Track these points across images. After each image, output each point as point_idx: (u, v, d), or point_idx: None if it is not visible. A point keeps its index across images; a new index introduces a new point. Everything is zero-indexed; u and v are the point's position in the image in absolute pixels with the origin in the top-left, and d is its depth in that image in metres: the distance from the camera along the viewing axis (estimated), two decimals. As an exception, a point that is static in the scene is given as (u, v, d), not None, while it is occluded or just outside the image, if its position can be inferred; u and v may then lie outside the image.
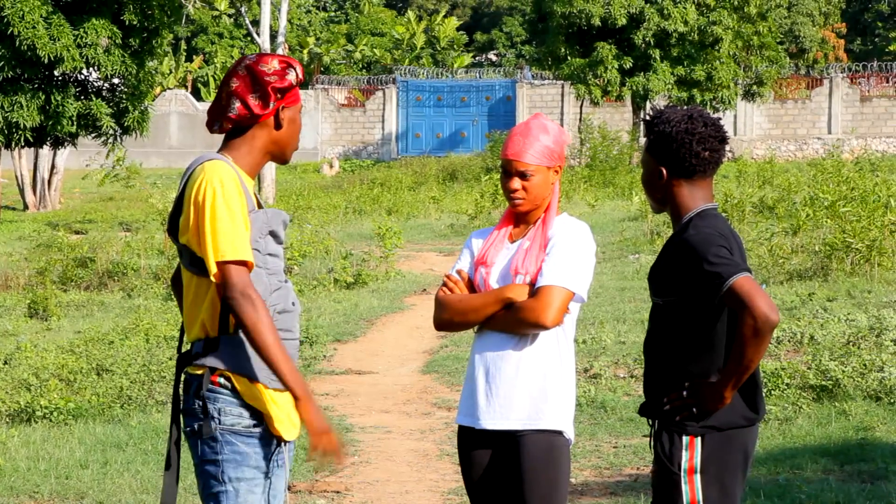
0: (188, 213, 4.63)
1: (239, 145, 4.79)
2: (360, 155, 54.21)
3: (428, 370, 13.64)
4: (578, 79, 42.99)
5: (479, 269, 5.30)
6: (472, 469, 5.29)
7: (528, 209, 5.27)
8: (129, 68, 25.16)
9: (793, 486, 8.60)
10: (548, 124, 5.29)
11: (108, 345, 13.72)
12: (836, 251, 17.82)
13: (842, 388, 11.04)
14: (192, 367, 4.70)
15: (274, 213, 4.76)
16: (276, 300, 4.70)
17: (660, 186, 4.95)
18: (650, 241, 22.51)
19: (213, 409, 4.62)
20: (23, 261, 22.04)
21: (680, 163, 4.88)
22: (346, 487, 9.16)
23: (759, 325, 4.57)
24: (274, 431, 4.67)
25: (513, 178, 5.24)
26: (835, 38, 68.94)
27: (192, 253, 4.65)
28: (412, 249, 24.88)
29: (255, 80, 4.75)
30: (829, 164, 33.00)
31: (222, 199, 4.58)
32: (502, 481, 5.22)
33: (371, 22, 73.55)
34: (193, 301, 4.70)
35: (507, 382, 5.15)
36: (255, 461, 4.65)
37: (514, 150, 5.24)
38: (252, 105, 4.74)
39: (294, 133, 4.86)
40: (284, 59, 4.81)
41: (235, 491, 4.64)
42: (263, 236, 4.68)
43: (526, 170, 5.22)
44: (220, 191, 4.59)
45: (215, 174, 4.62)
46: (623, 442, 10.21)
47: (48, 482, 9.05)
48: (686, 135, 4.85)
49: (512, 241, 5.31)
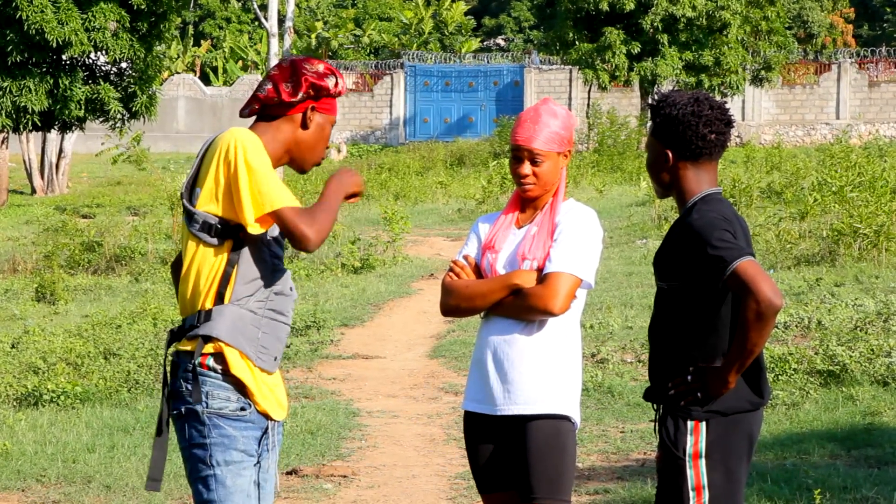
0: (216, 175, 4.63)
1: (264, 131, 4.78)
2: (367, 140, 54.16)
3: (435, 355, 13.65)
4: (586, 64, 42.91)
5: (486, 254, 5.29)
6: (478, 454, 5.29)
7: (538, 194, 5.26)
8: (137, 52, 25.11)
9: (800, 470, 8.60)
10: (556, 109, 5.27)
11: (116, 329, 13.75)
12: (843, 236, 17.80)
13: (849, 374, 11.03)
14: (182, 341, 4.71)
15: None
16: (276, 280, 4.72)
17: (665, 170, 4.94)
18: (658, 226, 22.49)
19: (201, 391, 4.62)
20: (30, 245, 22.07)
21: (686, 145, 4.87)
22: (353, 472, 9.17)
23: (762, 308, 4.56)
24: (259, 409, 4.67)
25: (523, 164, 5.23)
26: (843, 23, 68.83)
27: (205, 220, 4.64)
28: (420, 234, 24.88)
29: (293, 71, 4.77)
30: (837, 149, 32.97)
31: (254, 156, 4.59)
32: (509, 466, 5.22)
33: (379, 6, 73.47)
34: (197, 272, 4.69)
35: (513, 368, 5.15)
36: (243, 444, 4.64)
37: (525, 136, 5.23)
38: (282, 90, 4.74)
39: (318, 140, 4.83)
40: (331, 68, 4.81)
41: (223, 475, 4.63)
42: None
43: (536, 155, 5.21)
44: (251, 149, 4.60)
45: (241, 136, 4.63)
46: (630, 427, 10.22)
47: (55, 466, 9.07)
48: (692, 117, 4.84)
49: (519, 226, 5.30)
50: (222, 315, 4.63)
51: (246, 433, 4.65)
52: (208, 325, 4.63)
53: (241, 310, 4.65)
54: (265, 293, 4.69)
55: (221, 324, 4.62)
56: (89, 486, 8.67)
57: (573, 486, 5.24)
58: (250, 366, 4.65)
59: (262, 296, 4.68)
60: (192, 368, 4.64)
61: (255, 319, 4.67)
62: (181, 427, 4.69)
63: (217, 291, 4.65)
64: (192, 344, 4.66)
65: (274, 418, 4.73)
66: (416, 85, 54.66)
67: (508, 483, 5.24)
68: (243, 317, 4.64)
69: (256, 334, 4.66)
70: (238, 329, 4.63)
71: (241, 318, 4.64)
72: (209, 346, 4.63)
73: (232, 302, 4.65)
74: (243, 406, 4.64)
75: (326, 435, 10.20)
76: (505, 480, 5.25)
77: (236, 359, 4.63)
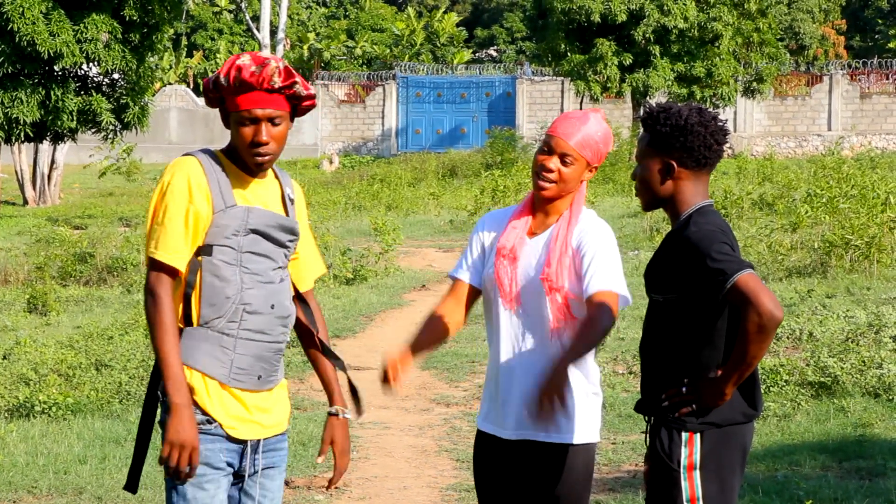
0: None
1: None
2: (359, 151, 54.18)
3: (427, 366, 13.64)
4: (578, 75, 42.98)
5: (500, 259, 5.11)
6: (488, 475, 5.17)
7: (552, 196, 5.07)
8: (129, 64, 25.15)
9: (791, 482, 8.60)
10: (603, 123, 5.12)
11: (108, 340, 13.72)
12: (835, 248, 17.82)
13: (840, 385, 11.04)
14: None
15: (261, 214, 4.68)
16: (248, 299, 4.62)
17: (667, 180, 4.90)
18: (649, 238, 22.51)
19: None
20: (22, 256, 22.03)
21: (692, 155, 4.85)
22: (345, 483, 9.15)
23: (763, 321, 4.55)
24: (226, 431, 4.63)
25: (553, 157, 5.06)
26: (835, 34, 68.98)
27: None
28: (411, 245, 24.87)
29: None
30: (829, 160, 33.03)
31: (160, 197, 4.61)
32: (522, 490, 5.11)
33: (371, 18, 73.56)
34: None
35: (533, 392, 4.92)
36: (205, 458, 4.58)
37: (565, 131, 5.06)
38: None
39: (236, 139, 4.68)
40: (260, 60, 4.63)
41: (184, 487, 4.58)
42: (242, 234, 4.61)
43: (568, 153, 5.04)
44: (163, 188, 4.61)
45: (168, 171, 4.64)
46: (621, 438, 10.22)
47: (46, 477, 9.05)
48: (699, 127, 4.83)
49: (531, 235, 5.13)
50: (189, 338, 4.60)
51: (211, 446, 4.59)
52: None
53: (212, 332, 4.60)
54: (238, 313, 4.62)
55: (185, 347, 4.58)
56: (80, 497, 8.65)
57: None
58: (220, 388, 4.61)
59: (236, 316, 4.61)
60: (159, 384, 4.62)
61: (229, 341, 4.61)
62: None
63: (183, 313, 4.62)
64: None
65: (243, 438, 4.67)
66: (408, 96, 54.69)
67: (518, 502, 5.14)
68: (212, 339, 4.60)
69: (230, 356, 4.61)
70: (205, 353, 4.59)
71: (209, 341, 4.60)
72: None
73: (201, 324, 4.61)
74: (210, 419, 4.61)
75: (318, 446, 10.15)
76: (515, 501, 5.14)
77: (199, 383, 4.59)
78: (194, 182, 4.59)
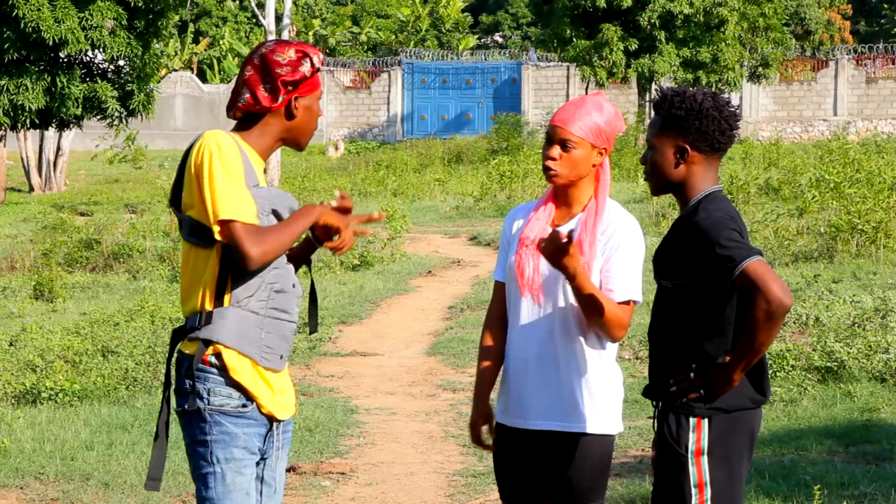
0: (191, 183, 4.65)
1: (251, 128, 4.78)
2: (365, 137, 54.17)
3: (433, 352, 13.65)
4: (584, 61, 42.92)
5: (523, 249, 5.08)
6: (510, 466, 5.16)
7: (562, 183, 5.04)
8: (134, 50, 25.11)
9: (798, 467, 8.60)
10: (604, 104, 5.10)
11: (114, 326, 13.74)
12: (841, 233, 17.81)
13: (847, 370, 11.04)
14: (184, 343, 4.70)
15: (279, 195, 4.73)
16: (274, 279, 4.69)
17: (680, 165, 4.88)
18: (656, 223, 22.49)
19: (202, 389, 4.61)
20: (28, 243, 22.05)
21: (705, 139, 4.83)
22: (351, 469, 9.17)
23: (772, 308, 4.54)
24: (264, 411, 4.67)
25: (553, 146, 5.04)
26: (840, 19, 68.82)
27: (191, 223, 4.65)
28: (418, 232, 24.87)
29: (266, 71, 4.73)
30: (835, 145, 32.95)
31: (219, 161, 4.58)
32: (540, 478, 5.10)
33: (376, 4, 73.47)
34: (192, 273, 4.69)
35: (553, 382, 5.00)
36: (244, 442, 4.63)
37: (562, 118, 5.05)
38: (261, 97, 4.73)
39: (309, 121, 4.84)
40: (301, 49, 4.76)
41: (223, 472, 4.62)
42: (266, 214, 4.64)
43: (568, 139, 5.02)
44: (217, 153, 4.59)
45: (212, 139, 4.63)
46: (628, 423, 10.20)
47: (53, 463, 9.06)
48: (714, 111, 4.82)
49: (554, 226, 5.06)
50: (223, 318, 4.62)
51: (248, 430, 4.64)
52: (209, 328, 4.61)
53: (243, 311, 4.63)
54: (266, 292, 4.66)
55: (222, 327, 4.60)
56: (87, 483, 8.66)
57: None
58: (253, 367, 4.64)
59: (264, 295, 4.66)
60: (194, 366, 4.62)
61: (258, 320, 4.65)
62: (185, 424, 4.68)
63: (215, 293, 4.63)
64: (193, 346, 4.65)
65: (278, 418, 4.72)
66: (413, 82, 54.66)
67: (543, 496, 5.12)
68: (245, 319, 4.63)
69: (259, 335, 4.65)
70: (239, 332, 4.61)
71: (243, 321, 4.62)
72: (209, 349, 4.62)
73: (232, 304, 4.63)
74: (245, 403, 4.63)
75: (325, 432, 10.20)
76: (539, 494, 5.13)
77: (236, 362, 4.61)
78: (238, 152, 4.66)
